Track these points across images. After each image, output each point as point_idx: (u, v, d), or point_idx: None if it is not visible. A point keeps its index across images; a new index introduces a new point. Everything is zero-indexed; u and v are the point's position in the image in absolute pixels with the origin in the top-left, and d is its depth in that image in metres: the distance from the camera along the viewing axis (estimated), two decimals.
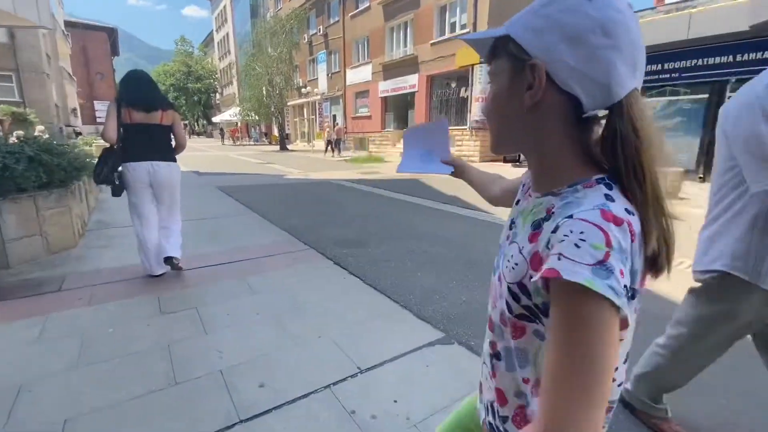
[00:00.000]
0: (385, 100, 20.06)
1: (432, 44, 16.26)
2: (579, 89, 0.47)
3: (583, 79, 0.47)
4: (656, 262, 0.48)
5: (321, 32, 23.96)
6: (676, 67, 9.03)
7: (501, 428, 0.59)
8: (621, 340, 0.49)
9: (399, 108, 19.79)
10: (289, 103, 27.64)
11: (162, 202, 3.04)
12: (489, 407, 0.62)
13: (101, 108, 44.15)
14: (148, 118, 2.83)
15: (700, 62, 8.60)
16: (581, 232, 0.41)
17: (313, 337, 2.17)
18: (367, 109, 21.44)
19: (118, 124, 2.75)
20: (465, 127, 15.27)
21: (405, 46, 18.22)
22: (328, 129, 19.73)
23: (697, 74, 8.70)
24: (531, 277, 0.48)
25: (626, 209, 0.45)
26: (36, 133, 12.55)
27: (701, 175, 8.88)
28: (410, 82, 17.73)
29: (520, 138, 0.54)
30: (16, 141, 9.08)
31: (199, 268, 3.28)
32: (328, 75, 23.99)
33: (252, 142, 35.02)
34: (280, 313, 2.47)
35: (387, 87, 19.34)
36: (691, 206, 6.36)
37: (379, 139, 20.61)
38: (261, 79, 23.97)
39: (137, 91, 2.83)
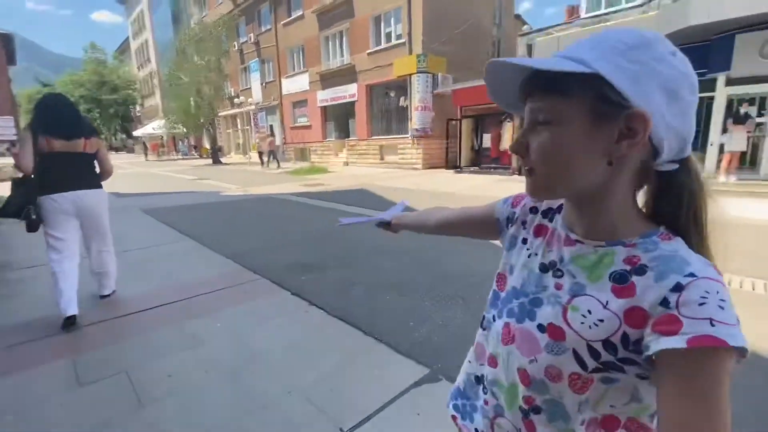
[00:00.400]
0: (324, 109, 19.69)
1: (369, 54, 16.30)
2: (666, 143, 0.45)
3: (674, 133, 0.46)
4: None
5: (252, 40, 23.01)
6: None
7: None
8: None
9: (339, 117, 19.53)
10: (220, 114, 26.07)
11: (92, 233, 2.84)
12: None
13: None
14: (70, 146, 2.60)
15: None
16: (717, 292, 0.41)
17: (281, 395, 1.84)
18: (306, 118, 20.90)
19: (35, 153, 2.48)
20: (407, 135, 15.44)
21: (342, 55, 18.07)
22: (258, 140, 19.10)
23: None
24: (624, 335, 0.45)
25: None
26: None
27: None
28: (350, 91, 17.60)
29: (581, 186, 0.49)
30: None
31: (126, 316, 2.74)
32: (262, 84, 23.05)
33: (180, 156, 32.48)
34: (235, 367, 2.08)
35: (326, 96, 19.03)
36: None
37: (321, 149, 20.17)
38: (188, 89, 22.30)
39: (56, 117, 2.59)
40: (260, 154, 18.60)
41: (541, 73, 0.47)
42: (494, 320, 0.61)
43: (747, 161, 8.26)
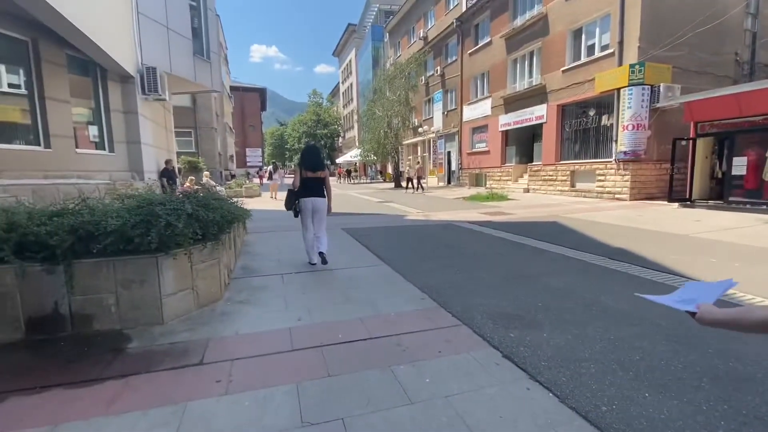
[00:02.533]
0: (506, 133, 18.87)
1: (564, 71, 14.75)
2: None
3: None
4: None
5: (438, 73, 24.34)
6: None
7: None
8: None
9: (521, 141, 18.34)
10: (404, 142, 28.43)
11: (316, 220, 5.01)
12: None
13: (251, 154, 52.57)
14: (315, 175, 4.94)
15: None
16: None
17: None
18: (485, 144, 20.50)
19: (300, 177, 4.90)
20: (609, 159, 13.07)
21: (530, 76, 17.01)
22: (408, 168, 21.57)
23: None
24: None
25: None
26: (203, 178, 15.02)
27: None
28: (537, 113, 16.29)
29: None
30: (189, 185, 10.75)
31: (339, 345, 2.77)
32: (443, 113, 23.98)
33: (368, 180, 36.96)
34: None
35: (508, 120, 18.21)
36: None
37: (498, 174, 19.34)
38: (380, 122, 25.22)
39: (310, 159, 4.99)
40: (409, 179, 20.42)
41: None
42: None
43: None
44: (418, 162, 22.26)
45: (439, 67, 24.36)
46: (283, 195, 5.95)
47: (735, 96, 9.34)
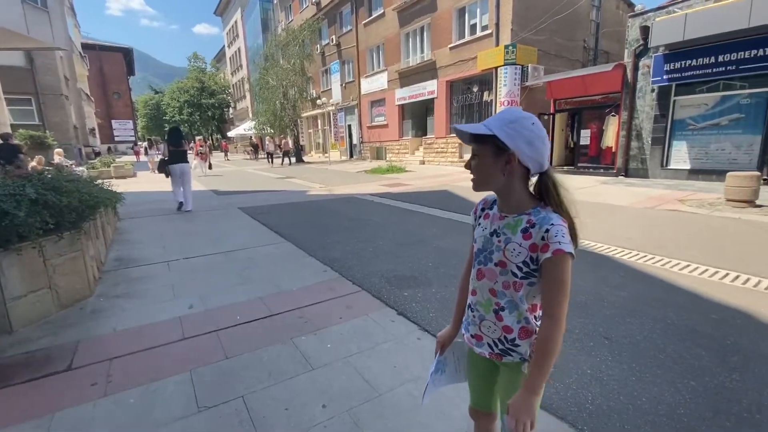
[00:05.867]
0: (402, 107, 19.52)
1: (451, 48, 15.69)
2: (530, 164, 0.98)
3: (532, 160, 0.97)
4: (576, 239, 0.99)
5: (334, 42, 23.67)
6: (732, 59, 8.21)
7: (511, 346, 1.06)
8: None
9: (417, 115, 19.22)
10: (303, 115, 27.35)
11: (185, 180, 7.21)
12: (496, 342, 1.09)
13: (118, 127, 45.06)
14: (177, 148, 7.20)
15: (761, 52, 7.77)
16: (563, 231, 0.94)
17: None
18: (383, 117, 20.93)
19: (168, 150, 7.11)
20: None
21: (422, 51, 17.68)
22: (269, 141, 23.94)
23: (758, 65, 7.87)
24: (531, 257, 0.97)
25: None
26: (55, 157, 12.36)
27: (765, 177, 7.98)
28: (429, 88, 17.16)
29: (495, 186, 1.03)
30: (36, 165, 8.75)
31: (232, 327, 2.69)
32: (342, 85, 23.62)
33: (265, 155, 34.88)
34: (353, 405, 1.84)
35: (404, 94, 18.82)
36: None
37: (397, 147, 20.07)
38: (275, 92, 23.72)
39: (173, 137, 7.21)
40: (269, 154, 23.09)
41: (480, 135, 0.99)
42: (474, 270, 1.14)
43: None
44: (283, 137, 24.04)
45: (334, 36, 23.67)
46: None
47: (581, 78, 11.17)
